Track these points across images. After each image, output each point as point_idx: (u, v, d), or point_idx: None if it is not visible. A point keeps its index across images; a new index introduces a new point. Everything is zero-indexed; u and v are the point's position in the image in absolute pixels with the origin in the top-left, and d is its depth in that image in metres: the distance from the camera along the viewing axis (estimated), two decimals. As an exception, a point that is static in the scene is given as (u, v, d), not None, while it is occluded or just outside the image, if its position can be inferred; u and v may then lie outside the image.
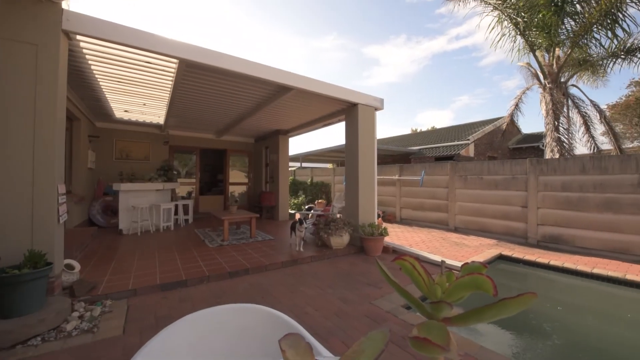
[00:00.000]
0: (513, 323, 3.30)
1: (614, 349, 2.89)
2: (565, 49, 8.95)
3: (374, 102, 5.79)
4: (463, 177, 7.43)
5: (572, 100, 10.30)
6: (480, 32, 12.53)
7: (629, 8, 7.38)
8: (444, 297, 0.51)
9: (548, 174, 5.93)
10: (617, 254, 5.06)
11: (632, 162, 5.01)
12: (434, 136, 17.68)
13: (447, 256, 4.93)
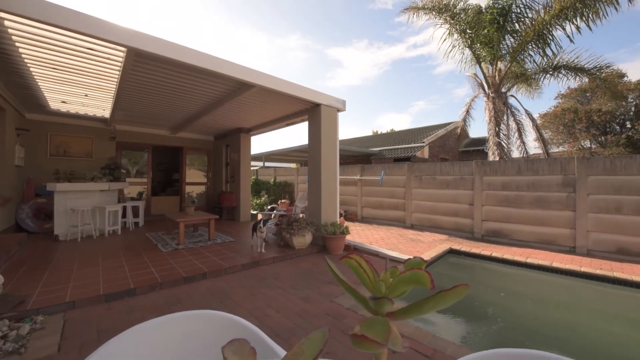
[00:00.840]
0: (462, 310, 3.59)
1: (545, 328, 3.29)
2: (506, 62, 9.99)
3: (336, 103, 5.89)
4: (419, 177, 7.90)
5: (511, 109, 11.54)
6: (434, 42, 13.58)
7: (557, 31, 8.48)
8: (387, 292, 0.53)
9: (491, 175, 6.57)
10: (546, 245, 5.79)
11: (557, 165, 5.77)
12: (393, 138, 18.54)
13: (403, 252, 5.20)
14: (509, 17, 9.11)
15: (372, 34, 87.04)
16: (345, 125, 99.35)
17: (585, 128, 17.01)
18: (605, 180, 5.25)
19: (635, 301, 3.76)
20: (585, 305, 3.96)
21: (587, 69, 9.26)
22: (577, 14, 7.85)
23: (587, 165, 5.44)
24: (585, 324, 3.43)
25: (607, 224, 5.20)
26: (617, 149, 15.36)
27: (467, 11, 9.72)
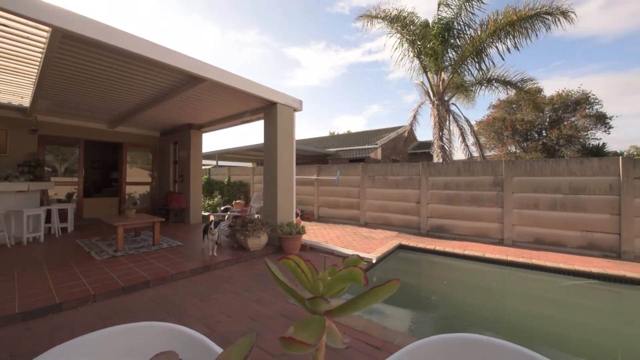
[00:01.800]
0: (410, 301, 3.85)
1: (481, 312, 3.69)
2: (448, 73, 10.97)
3: (293, 102, 5.87)
4: (372, 177, 8.27)
5: (453, 115, 12.71)
6: (387, 50, 14.40)
7: (491, 49, 9.56)
8: (325, 291, 0.54)
9: (435, 175, 7.16)
10: (480, 238, 6.49)
11: (489, 167, 6.51)
12: (349, 139, 19.12)
13: (357, 249, 5.39)
14: (452, 32, 10.02)
15: (330, 37, 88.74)
16: (303, 125, 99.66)
17: (511, 135, 19.51)
18: (526, 180, 6.08)
19: (549, 284, 4.42)
20: (511, 289, 4.53)
21: (514, 83, 10.62)
22: (507, 35, 8.94)
23: (512, 168, 6.24)
24: (512, 306, 3.93)
25: (527, 218, 6.03)
26: (535, 154, 17.90)
27: (416, 24, 10.47)
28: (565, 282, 4.31)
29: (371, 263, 4.66)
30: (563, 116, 18.66)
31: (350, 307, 0.50)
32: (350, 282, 0.54)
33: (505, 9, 8.82)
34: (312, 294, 0.53)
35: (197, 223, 8.07)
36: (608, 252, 5.31)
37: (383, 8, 10.58)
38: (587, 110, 18.01)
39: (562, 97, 18.63)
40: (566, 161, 5.80)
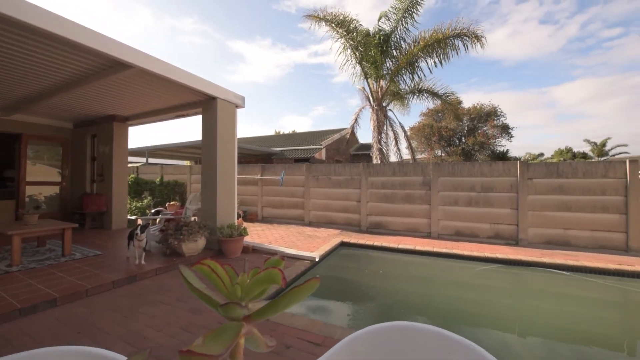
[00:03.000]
0: (351, 295, 4.02)
1: (413, 299, 4.05)
2: (386, 81, 11.80)
3: (235, 98, 5.62)
4: (316, 177, 8.43)
5: (390, 121, 13.73)
6: (332, 54, 14.85)
7: (422, 62, 10.58)
8: (243, 296, 0.53)
9: (374, 176, 7.64)
10: (412, 232, 7.14)
11: (419, 168, 7.22)
12: (294, 139, 19.15)
13: (301, 248, 5.43)
14: (390, 44, 10.82)
15: (276, 35, 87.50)
16: (247, 122, 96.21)
17: (437, 140, 22.00)
18: (449, 180, 6.91)
19: (466, 270, 5.09)
20: (437, 276, 5.09)
21: (440, 95, 11.96)
22: (434, 51, 10.02)
23: (438, 169, 7.02)
24: (438, 292, 4.41)
25: (449, 213, 6.85)
26: (456, 157, 20.50)
27: (359, 31, 11.00)
28: (478, 268, 5.03)
29: (314, 261, 4.74)
30: (477, 125, 21.77)
31: (270, 309, 0.49)
32: (270, 284, 0.53)
33: (434, 27, 9.89)
34: (230, 300, 0.51)
35: (122, 228, 7.13)
36: (509, 240, 6.37)
37: (330, 11, 10.86)
38: (496, 122, 21.36)
39: (477, 109, 21.71)
40: (479, 164, 6.78)
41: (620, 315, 3.73)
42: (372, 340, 1.23)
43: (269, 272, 0.49)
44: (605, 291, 4.17)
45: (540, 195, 6.18)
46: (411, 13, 10.19)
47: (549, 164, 6.31)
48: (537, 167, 6.28)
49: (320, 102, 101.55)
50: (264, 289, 0.53)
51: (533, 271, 4.83)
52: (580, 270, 4.65)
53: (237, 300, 0.50)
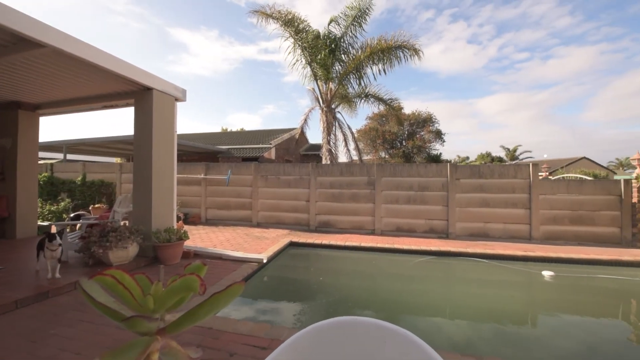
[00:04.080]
0: (299, 294, 4.03)
1: (359, 293, 4.22)
2: (335, 84, 12.13)
3: (174, 91, 5.18)
4: (265, 176, 8.26)
5: (338, 122, 14.15)
6: (283, 52, 14.55)
7: (368, 69, 11.13)
8: (157, 307, 0.49)
9: (323, 175, 7.80)
10: (358, 230, 7.47)
11: (365, 169, 7.59)
12: (243, 137, 18.46)
13: (249, 250, 5.26)
14: (339, 48, 11.14)
15: (224, 27, 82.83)
16: (192, 118, 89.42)
17: (382, 143, 23.45)
18: (391, 180, 7.41)
19: (405, 262, 5.50)
20: (381, 270, 5.41)
21: (384, 100, 12.75)
22: (380, 59, 10.62)
23: (381, 170, 7.47)
24: (382, 285, 4.68)
25: (391, 211, 7.35)
26: (398, 159, 22.12)
27: (309, 32, 11.09)
28: (415, 260, 5.49)
29: (262, 263, 4.63)
30: (416, 130, 23.80)
31: (187, 320, 0.47)
32: (187, 292, 0.50)
33: (378, 37, 10.49)
34: (141, 313, 0.47)
35: (30, 237, 6.01)
36: (441, 234, 7.09)
37: (278, 9, 10.72)
38: (431, 127, 23.59)
39: (415, 115, 23.72)
40: (416, 166, 7.41)
41: (525, 294, 4.45)
42: (316, 338, 1.25)
43: (185, 279, 0.46)
44: (514, 274, 4.93)
45: (466, 193, 7.02)
46: (359, 22, 10.64)
47: (472, 166, 7.21)
48: (463, 169, 7.13)
49: (271, 100, 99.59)
50: (181, 298, 0.49)
51: (460, 260, 5.46)
52: (495, 257, 5.41)
53: (149, 312, 0.45)
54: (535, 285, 4.58)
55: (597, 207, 6.46)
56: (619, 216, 6.34)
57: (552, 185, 6.74)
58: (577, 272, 4.85)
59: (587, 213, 6.49)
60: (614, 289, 4.41)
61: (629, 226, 6.27)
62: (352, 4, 10.41)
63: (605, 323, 3.57)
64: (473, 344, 2.94)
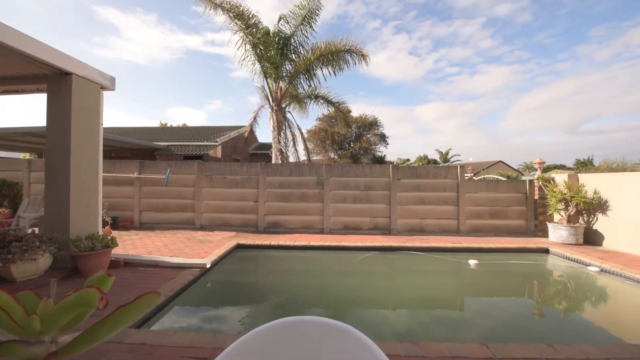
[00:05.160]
0: (246, 298, 3.88)
1: (308, 291, 4.22)
2: (285, 83, 12.03)
3: (100, 78, 4.55)
4: (209, 176, 7.78)
5: (288, 122, 14.08)
6: (231, 46, 13.76)
7: (318, 70, 11.27)
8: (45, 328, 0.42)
9: (272, 175, 7.67)
10: (307, 229, 7.52)
11: (314, 169, 7.69)
12: (185, 134, 17.14)
13: (190, 255, 4.90)
14: (289, 47, 11.07)
15: (164, 12, 75.45)
16: (124, 110, 79.71)
17: (331, 144, 24.07)
18: (339, 180, 7.63)
19: (352, 259, 5.71)
20: (330, 268, 5.53)
21: (334, 102, 13.09)
22: (329, 62, 10.85)
23: (330, 170, 7.66)
24: (331, 282, 4.78)
25: (339, 210, 7.58)
26: (346, 160, 22.94)
27: (259, 28, 10.78)
28: (361, 256, 5.75)
29: (205, 268, 4.35)
30: (363, 133, 24.98)
31: (85, 340, 0.41)
32: (83, 308, 0.44)
33: (328, 40, 10.72)
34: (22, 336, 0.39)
35: None
36: (384, 230, 7.56)
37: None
38: (376, 131, 25.00)
39: (362, 118, 24.88)
40: (362, 166, 7.77)
41: (455, 281, 4.99)
42: (259, 341, 1.22)
43: (80, 294, 0.40)
44: (446, 264, 5.49)
45: (406, 192, 7.61)
46: (309, 22, 10.72)
47: (411, 167, 7.84)
48: (403, 170, 7.71)
49: (218, 96, 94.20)
50: (78, 315, 0.42)
51: (400, 254, 5.88)
52: (430, 250, 5.97)
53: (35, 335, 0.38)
54: (463, 273, 5.18)
55: (509, 203, 7.59)
56: (525, 211, 7.55)
57: (475, 184, 7.71)
58: (495, 259, 5.62)
59: (502, 208, 7.58)
60: (521, 272, 5.22)
61: (532, 219, 7.50)
62: (302, 3, 10.44)
63: (516, 301, 4.21)
64: (412, 330, 3.19)
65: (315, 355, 1.23)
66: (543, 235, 7.14)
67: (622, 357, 2.23)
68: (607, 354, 2.26)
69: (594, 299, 4.23)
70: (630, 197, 5.68)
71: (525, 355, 2.23)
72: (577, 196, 6.38)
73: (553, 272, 5.29)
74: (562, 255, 5.60)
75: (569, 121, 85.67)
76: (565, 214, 6.62)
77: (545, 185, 7.24)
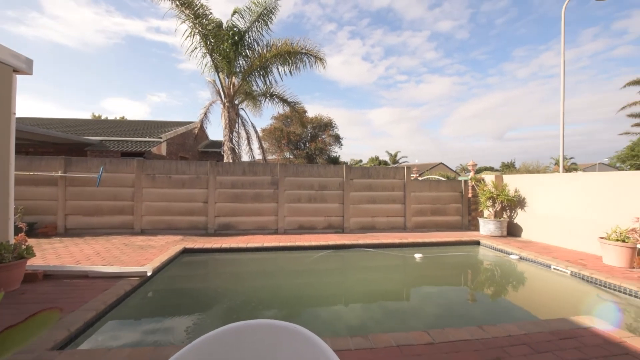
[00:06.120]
0: (196, 306, 3.62)
1: (262, 294, 4.11)
2: (239, 79, 11.58)
3: (12, 59, 3.85)
4: (151, 175, 7.13)
5: (242, 120, 13.60)
6: (179, 36, 12.60)
7: (274, 69, 11.06)
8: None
9: (223, 175, 7.32)
10: (261, 230, 7.35)
11: (268, 168, 7.55)
12: (123, 128, 15.43)
13: (128, 263, 4.43)
14: (243, 43, 10.68)
15: (97, -10, 66.74)
16: (47, 99, 68.64)
17: (286, 143, 23.91)
18: (294, 180, 7.61)
19: (307, 258, 5.74)
20: (284, 269, 5.46)
21: (289, 102, 13.00)
22: (286, 61, 10.73)
23: (284, 170, 7.59)
24: (285, 283, 4.72)
25: (294, 210, 7.56)
26: (301, 160, 23.01)
27: (209, 19, 10.19)
28: (315, 255, 5.80)
29: (146, 276, 3.97)
30: (318, 133, 25.30)
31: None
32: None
33: (285, 39, 10.60)
34: None
35: None
36: (338, 229, 7.75)
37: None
38: (331, 132, 25.54)
39: (318, 119, 25.21)
40: (317, 166, 7.87)
41: (402, 274, 5.33)
42: (205, 350, 1.15)
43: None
44: (394, 259, 5.84)
45: (358, 192, 7.90)
46: (265, 20, 10.48)
47: (363, 167, 8.18)
48: (356, 170, 8.00)
49: (163, 88, 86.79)
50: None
51: (353, 251, 6.09)
52: (380, 246, 6.29)
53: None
54: (410, 266, 5.56)
55: (448, 201, 8.37)
56: (461, 207, 8.41)
57: (420, 184, 8.35)
58: (437, 252, 6.15)
59: (442, 206, 8.33)
60: (458, 262, 5.79)
61: (466, 215, 8.39)
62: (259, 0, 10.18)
63: (454, 289, 4.66)
64: (365, 323, 3.32)
65: (264, 359, 1.21)
66: (475, 229, 8.03)
67: (535, 331, 2.62)
68: (524, 329, 2.63)
69: (515, 283, 4.89)
70: (541, 195, 6.70)
71: (459, 337, 2.48)
72: (502, 194, 7.31)
73: (483, 261, 5.98)
74: (490, 246, 6.37)
75: (496, 129, 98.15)
76: (493, 210, 7.55)
77: (477, 185, 8.16)
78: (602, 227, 5.13)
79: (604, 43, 56.35)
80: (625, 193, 5.03)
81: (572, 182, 6.09)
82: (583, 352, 2.31)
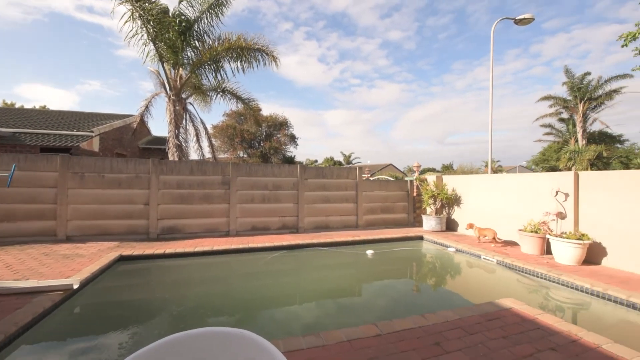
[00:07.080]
0: (128, 321, 3.27)
1: (212, 300, 3.87)
2: (187, 72, 10.80)
3: None
4: (80, 174, 6.26)
5: (190, 115, 12.73)
6: (116, 18, 10.99)
7: (226, 64, 10.54)
8: None
9: (167, 174, 6.77)
10: (211, 233, 6.97)
11: (219, 167, 7.19)
12: (44, 119, 13.28)
13: (48, 276, 3.83)
14: (192, 32, 9.99)
15: (7, -45, 56.01)
16: None
17: (240, 142, 23.06)
18: (246, 180, 7.37)
19: (260, 260, 5.59)
20: (236, 272, 5.25)
21: (243, 98, 12.53)
22: (238, 57, 10.30)
23: (237, 169, 7.31)
24: (237, 287, 4.53)
25: (247, 211, 7.32)
26: (256, 159, 22.41)
27: (154, 3, 9.30)
28: (269, 257, 5.70)
29: (71, 290, 3.47)
30: (273, 132, 24.92)
31: None
32: None
33: (238, 34, 10.18)
34: None
35: None
36: (292, 229, 7.72)
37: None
38: (287, 131, 25.34)
39: (273, 118, 24.80)
40: (271, 166, 7.74)
41: (355, 270, 5.51)
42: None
43: None
44: (348, 256, 6.02)
45: (312, 191, 7.98)
46: (217, 12, 9.94)
47: (317, 167, 8.28)
48: (310, 170, 8.07)
49: (96, 75, 76.26)
50: None
51: (308, 251, 6.12)
52: (334, 244, 6.43)
53: None
54: (362, 263, 5.78)
55: (396, 200, 8.92)
56: (407, 205, 9.03)
57: (371, 184, 8.75)
58: (386, 248, 6.50)
59: (390, 204, 8.84)
60: (405, 256, 6.20)
61: (412, 212, 9.04)
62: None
63: (401, 282, 4.98)
64: (320, 321, 3.35)
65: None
66: (419, 225, 8.69)
67: (467, 315, 2.92)
68: (458, 314, 2.92)
69: (452, 272, 5.41)
70: (473, 193, 7.53)
71: (405, 327, 2.65)
72: (441, 193, 8.04)
73: (426, 254, 6.50)
74: (431, 241, 6.96)
75: (439, 133, 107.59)
76: (434, 207, 8.25)
77: (421, 184, 8.84)
78: (524, 221, 5.93)
79: (524, 63, 65.69)
80: (540, 191, 5.91)
81: (499, 182, 6.96)
82: (505, 330, 2.65)
